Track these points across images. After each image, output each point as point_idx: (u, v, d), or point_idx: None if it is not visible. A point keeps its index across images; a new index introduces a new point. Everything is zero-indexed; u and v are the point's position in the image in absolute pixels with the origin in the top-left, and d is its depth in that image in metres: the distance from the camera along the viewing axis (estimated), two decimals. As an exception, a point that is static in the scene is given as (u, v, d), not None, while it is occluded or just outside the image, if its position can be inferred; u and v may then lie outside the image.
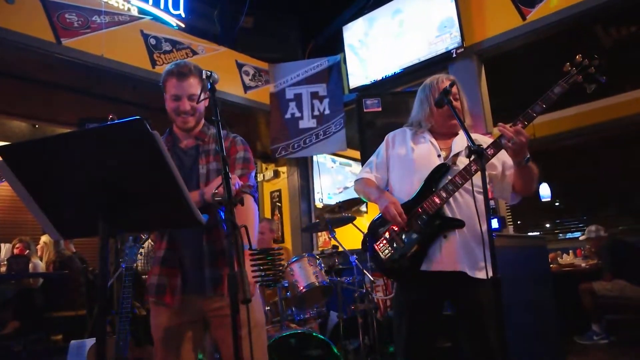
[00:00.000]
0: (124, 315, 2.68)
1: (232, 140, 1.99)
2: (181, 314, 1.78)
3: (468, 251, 1.92)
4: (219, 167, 1.86)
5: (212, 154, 1.90)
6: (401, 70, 4.80)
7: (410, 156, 2.10)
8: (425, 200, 1.96)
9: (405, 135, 2.22)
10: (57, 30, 3.83)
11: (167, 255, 1.82)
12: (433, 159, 2.04)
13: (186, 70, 1.85)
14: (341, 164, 7.34)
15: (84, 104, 5.39)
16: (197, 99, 1.84)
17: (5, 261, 4.87)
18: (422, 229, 1.96)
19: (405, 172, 2.10)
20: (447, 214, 1.95)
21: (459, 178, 1.90)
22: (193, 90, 1.85)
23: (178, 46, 4.73)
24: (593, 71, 1.85)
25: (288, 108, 5.34)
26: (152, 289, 1.82)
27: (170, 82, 1.86)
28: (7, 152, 1.18)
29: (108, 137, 1.13)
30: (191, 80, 1.85)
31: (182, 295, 1.77)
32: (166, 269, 1.81)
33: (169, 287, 1.77)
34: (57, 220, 1.30)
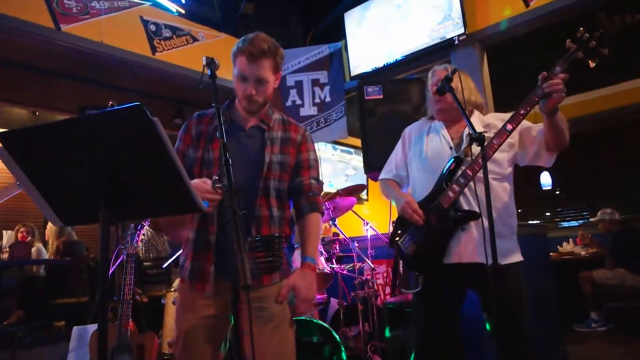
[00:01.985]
0: (125, 302, 2.70)
1: (303, 134, 1.86)
2: (217, 304, 1.67)
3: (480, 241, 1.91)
4: (283, 159, 1.76)
5: (278, 143, 1.78)
6: (403, 57, 4.77)
7: (424, 153, 2.14)
8: (440, 195, 1.98)
9: (420, 129, 2.25)
10: (55, 16, 3.80)
11: (200, 237, 1.70)
12: (446, 152, 2.06)
13: (258, 52, 1.68)
14: (342, 152, 7.33)
15: (84, 91, 5.39)
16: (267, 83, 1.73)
17: (7, 248, 4.89)
18: (439, 223, 1.98)
19: (422, 168, 2.14)
20: (463, 206, 1.97)
21: (470, 169, 1.91)
22: (263, 73, 1.71)
23: (178, 32, 4.69)
24: (594, 45, 1.78)
25: (289, 95, 5.30)
26: (185, 274, 1.71)
27: (240, 59, 1.71)
28: (7, 138, 1.18)
29: (108, 123, 1.12)
30: (263, 62, 1.70)
31: (217, 282, 1.66)
32: (200, 252, 1.69)
33: (204, 273, 1.66)
34: (58, 207, 1.30)
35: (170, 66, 4.42)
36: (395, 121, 3.61)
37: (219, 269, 1.66)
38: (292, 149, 1.80)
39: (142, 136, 1.10)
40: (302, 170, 1.82)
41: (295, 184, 1.81)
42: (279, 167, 1.75)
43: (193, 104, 5.81)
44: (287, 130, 1.83)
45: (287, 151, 1.78)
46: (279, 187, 1.75)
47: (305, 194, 1.80)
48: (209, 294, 1.64)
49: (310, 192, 1.81)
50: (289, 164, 1.78)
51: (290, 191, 1.82)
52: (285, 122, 1.86)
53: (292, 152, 1.80)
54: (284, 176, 1.77)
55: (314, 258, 1.75)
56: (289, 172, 1.79)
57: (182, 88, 4.90)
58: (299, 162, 1.82)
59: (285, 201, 1.79)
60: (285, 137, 1.80)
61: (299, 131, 1.85)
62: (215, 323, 1.68)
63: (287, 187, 1.79)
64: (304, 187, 1.80)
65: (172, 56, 4.51)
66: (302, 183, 1.80)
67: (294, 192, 1.82)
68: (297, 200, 1.82)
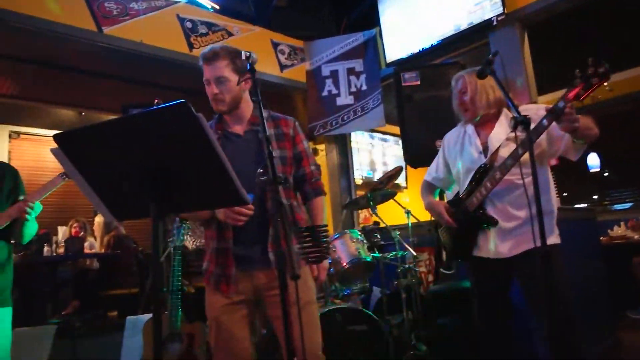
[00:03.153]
0: (174, 293, 2.80)
1: (294, 127, 2.00)
2: (237, 294, 1.81)
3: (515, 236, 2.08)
4: (282, 154, 1.90)
5: (274, 139, 1.90)
6: (439, 41, 4.67)
7: (459, 159, 2.31)
8: (468, 199, 2.19)
9: (456, 135, 2.38)
10: (98, 19, 3.93)
11: (219, 245, 1.84)
12: (475, 157, 2.20)
13: (210, 55, 1.82)
14: (379, 140, 7.28)
15: (126, 90, 5.55)
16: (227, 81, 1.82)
17: (63, 243, 5.14)
18: (465, 223, 2.22)
19: (458, 173, 2.32)
20: (487, 210, 2.15)
21: (498, 174, 2.03)
22: (219, 72, 1.82)
23: (214, 28, 4.76)
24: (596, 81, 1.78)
25: (325, 85, 5.30)
26: (208, 277, 1.87)
27: (203, 68, 1.86)
28: (62, 139, 1.23)
29: (155, 121, 1.16)
30: (218, 63, 1.82)
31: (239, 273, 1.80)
32: (221, 259, 1.83)
33: (224, 278, 1.81)
34: (110, 203, 1.35)
35: (207, 62, 4.49)
36: (434, 107, 3.57)
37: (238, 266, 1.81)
38: (287, 143, 1.95)
39: (187, 132, 1.14)
40: (302, 161, 2.00)
41: (299, 174, 2.00)
42: (280, 162, 1.89)
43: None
44: (279, 126, 1.97)
45: (284, 145, 1.93)
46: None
47: (308, 181, 2.01)
48: (233, 295, 1.80)
49: (313, 179, 2.02)
50: (288, 157, 1.93)
51: (295, 181, 1.99)
52: (275, 118, 1.99)
53: (288, 145, 1.95)
54: (286, 169, 1.92)
55: None
56: (289, 164, 1.94)
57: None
58: (297, 153, 1.98)
59: (290, 191, 1.94)
60: (278, 132, 1.94)
61: (289, 124, 1.99)
62: (240, 310, 1.83)
63: (289, 178, 1.94)
64: (306, 175, 2.01)
65: (209, 52, 4.57)
66: (305, 172, 2.00)
67: (299, 181, 2.00)
68: (302, 187, 2.02)
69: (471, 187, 2.20)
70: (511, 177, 2.03)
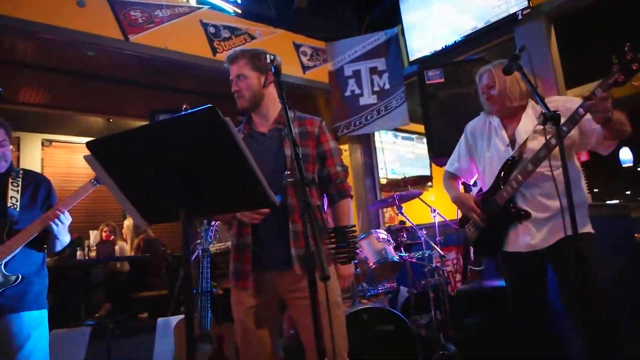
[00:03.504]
0: (204, 294, 2.84)
1: (320, 126, 2.01)
2: (260, 295, 1.85)
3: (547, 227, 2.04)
4: (304, 151, 1.92)
5: (298, 137, 1.94)
6: (462, 38, 4.61)
7: (484, 152, 2.28)
8: (497, 193, 2.15)
9: (480, 125, 2.34)
10: (124, 28, 4.02)
11: (238, 242, 1.90)
12: (502, 150, 2.17)
13: (232, 56, 1.95)
14: (403, 139, 7.22)
15: (153, 96, 5.66)
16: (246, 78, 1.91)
17: (94, 247, 5.28)
18: (495, 217, 2.17)
19: (484, 166, 2.28)
20: (518, 203, 2.10)
21: (530, 166, 1.99)
22: (239, 70, 1.93)
23: (236, 32, 4.81)
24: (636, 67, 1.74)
25: (347, 85, 5.29)
26: (231, 275, 1.92)
27: (230, 70, 1.97)
28: (94, 146, 1.27)
29: (183, 126, 1.18)
30: (239, 62, 1.93)
31: (259, 274, 1.85)
32: (239, 254, 1.89)
33: (243, 272, 1.85)
34: (141, 207, 1.38)
35: (231, 66, 4.56)
36: (458, 104, 3.53)
37: (257, 264, 1.84)
38: (310, 142, 1.96)
39: (215, 136, 1.16)
40: (326, 161, 1.98)
41: (323, 175, 1.98)
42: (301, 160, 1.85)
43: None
44: (303, 125, 1.99)
45: (307, 144, 1.94)
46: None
47: (333, 182, 1.98)
48: (250, 291, 1.83)
49: (338, 180, 1.98)
50: (311, 155, 1.94)
51: (320, 181, 1.98)
52: (301, 118, 2.02)
53: (312, 144, 1.96)
54: (307, 167, 1.92)
55: None
56: (311, 162, 1.94)
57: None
58: (321, 153, 1.97)
59: (311, 190, 1.92)
60: (302, 131, 1.96)
61: (314, 123, 2.00)
62: (264, 312, 1.86)
63: (311, 177, 1.93)
64: (331, 176, 1.98)
65: (232, 56, 4.63)
66: (329, 173, 1.98)
67: (323, 182, 1.99)
68: (327, 189, 2.00)
69: (499, 181, 2.15)
70: (540, 169, 2.00)
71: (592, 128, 1.98)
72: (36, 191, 2.26)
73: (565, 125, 1.86)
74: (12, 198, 2.15)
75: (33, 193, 2.25)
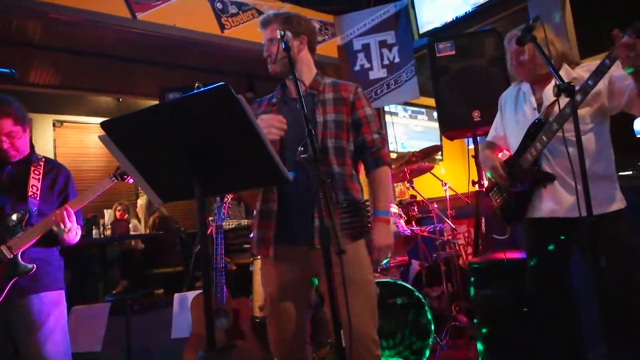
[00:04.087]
0: (219, 270, 2.89)
1: (355, 92, 1.93)
2: (291, 270, 1.79)
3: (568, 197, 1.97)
4: (337, 118, 1.86)
5: (330, 103, 1.88)
6: (473, 8, 4.52)
7: (513, 117, 2.23)
8: (522, 155, 2.10)
9: (512, 93, 2.30)
10: (131, 6, 3.99)
11: (264, 208, 1.83)
12: (529, 113, 2.12)
13: (265, 20, 1.92)
14: (413, 112, 7.17)
15: (162, 74, 5.66)
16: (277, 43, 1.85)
17: (109, 225, 5.38)
18: (520, 182, 2.13)
19: (512, 131, 2.25)
20: (542, 167, 2.05)
21: (555, 125, 1.91)
22: (272, 34, 1.88)
23: (244, 8, 4.75)
24: None
25: (357, 60, 5.23)
26: (254, 243, 1.86)
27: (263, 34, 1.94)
28: (108, 126, 1.28)
29: (197, 104, 1.18)
30: (272, 27, 1.89)
31: (287, 246, 1.78)
32: (263, 221, 1.82)
33: (265, 240, 1.79)
34: (157, 186, 1.40)
35: (239, 42, 4.52)
36: (470, 77, 3.48)
37: (282, 234, 1.78)
38: (345, 108, 1.89)
39: (229, 114, 1.16)
40: (362, 128, 1.90)
41: (358, 142, 1.91)
42: (334, 126, 1.84)
43: (263, 77, 5.91)
44: (338, 91, 1.92)
45: (341, 110, 1.87)
46: (336, 145, 1.83)
47: (369, 150, 1.90)
48: (271, 258, 1.77)
49: (374, 147, 1.89)
50: (345, 122, 1.87)
51: (356, 150, 1.91)
52: (335, 84, 1.96)
53: (346, 110, 1.89)
54: (341, 134, 1.85)
55: (387, 211, 1.86)
56: (345, 130, 1.87)
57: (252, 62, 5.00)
58: (356, 120, 1.90)
59: (344, 158, 1.86)
60: (336, 97, 1.90)
61: (349, 89, 1.93)
62: (295, 286, 1.80)
63: (346, 144, 1.87)
64: (367, 144, 1.89)
65: (240, 32, 4.59)
66: (364, 140, 1.89)
67: (359, 150, 1.91)
68: (363, 157, 1.92)
69: (525, 144, 2.09)
70: (567, 134, 1.88)
71: (625, 85, 1.87)
72: (55, 180, 2.26)
73: (590, 79, 1.77)
74: (32, 187, 2.16)
75: (52, 182, 2.25)
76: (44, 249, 2.16)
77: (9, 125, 2.11)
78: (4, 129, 2.10)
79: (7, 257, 2.02)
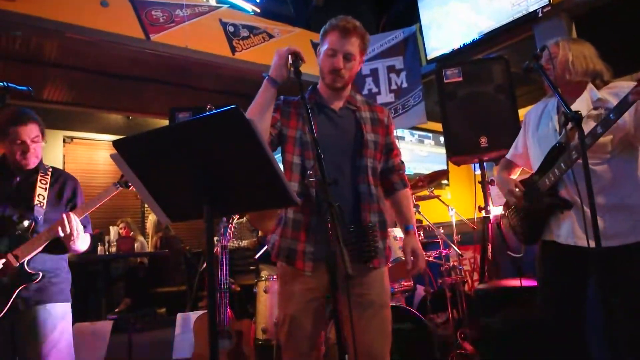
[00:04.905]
0: (223, 291, 2.88)
1: (388, 116, 1.95)
2: (313, 289, 1.72)
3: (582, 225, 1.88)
4: (376, 139, 1.85)
5: (370, 123, 1.86)
6: (481, 36, 4.58)
7: (535, 135, 2.18)
8: (540, 179, 2.07)
9: (537, 109, 2.24)
10: (145, 27, 4.09)
11: (297, 217, 1.75)
12: (551, 135, 2.07)
13: (351, 27, 1.77)
14: (420, 137, 7.21)
15: (173, 93, 5.74)
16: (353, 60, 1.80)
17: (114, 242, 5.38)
18: (536, 204, 2.09)
19: (533, 151, 2.20)
20: (560, 192, 2.01)
21: (575, 154, 1.86)
22: (352, 49, 1.78)
23: (255, 31, 4.85)
24: None
25: (365, 84, 5.29)
26: (282, 253, 1.75)
27: (331, 36, 1.79)
28: (120, 145, 1.30)
29: (208, 126, 1.20)
30: (353, 39, 1.78)
31: (314, 262, 1.70)
32: (294, 232, 1.74)
33: (299, 252, 1.71)
34: (165, 205, 1.41)
35: (249, 64, 4.61)
36: (477, 103, 3.50)
37: (315, 249, 1.72)
38: (381, 130, 1.90)
39: (239, 136, 1.18)
40: (393, 151, 1.96)
41: (388, 165, 1.96)
42: (374, 146, 1.84)
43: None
44: (374, 111, 1.93)
45: (378, 131, 1.88)
46: (373, 166, 1.85)
47: (397, 172, 1.96)
48: (308, 273, 1.70)
49: (401, 170, 1.98)
50: (380, 144, 1.88)
51: (383, 172, 1.94)
52: (369, 103, 1.97)
53: (382, 132, 1.90)
54: (377, 155, 1.87)
55: (414, 225, 1.95)
56: (380, 151, 1.88)
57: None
58: (389, 143, 1.94)
59: (377, 179, 1.89)
60: (373, 117, 1.91)
61: (384, 112, 1.96)
62: (318, 306, 1.74)
63: (378, 165, 1.89)
64: (395, 167, 1.97)
65: (250, 54, 4.68)
66: (394, 163, 1.96)
67: (387, 172, 1.95)
68: (389, 178, 1.96)
69: (545, 167, 2.05)
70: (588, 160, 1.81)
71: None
72: (62, 189, 2.30)
73: (612, 113, 1.73)
74: (39, 196, 2.20)
75: (59, 191, 2.29)
76: (53, 261, 2.18)
77: (35, 130, 2.19)
78: (31, 133, 2.17)
79: (14, 265, 2.04)
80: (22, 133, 2.15)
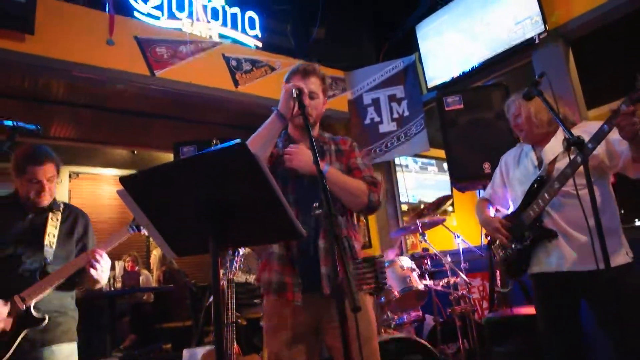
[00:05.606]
0: (229, 325, 2.84)
1: (351, 144, 2.05)
2: (301, 322, 1.76)
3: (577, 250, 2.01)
4: (341, 167, 1.94)
5: (335, 154, 1.98)
6: (480, 63, 4.64)
7: (516, 175, 2.31)
8: (524, 212, 2.16)
9: (514, 154, 2.40)
10: (150, 64, 4.17)
11: (282, 252, 1.81)
12: (531, 172, 2.20)
13: (310, 69, 1.95)
14: (423, 164, 7.21)
15: (177, 128, 5.80)
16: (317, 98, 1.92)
17: (120, 277, 5.35)
18: (522, 237, 2.18)
19: (514, 189, 2.32)
20: (545, 222, 2.10)
21: (557, 184, 1.99)
22: (314, 87, 1.92)
23: (257, 64, 4.93)
24: None
25: (367, 113, 5.35)
26: (271, 287, 1.80)
27: (294, 80, 1.94)
28: (127, 181, 1.31)
29: (214, 160, 1.22)
30: (313, 79, 1.93)
31: (307, 293, 1.74)
32: (283, 266, 1.80)
33: (289, 285, 1.76)
34: (172, 240, 1.41)
35: (252, 97, 4.67)
36: (478, 130, 3.54)
37: (303, 280, 1.76)
38: (344, 159, 1.99)
39: (245, 171, 1.19)
40: (354, 172, 1.95)
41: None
42: None
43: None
44: (338, 144, 2.04)
45: (341, 160, 1.97)
46: None
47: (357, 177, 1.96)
48: (298, 303, 1.73)
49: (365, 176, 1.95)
50: (344, 171, 1.94)
51: None
52: (335, 138, 2.07)
53: (345, 161, 1.98)
54: None
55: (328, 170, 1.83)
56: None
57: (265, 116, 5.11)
58: (349, 166, 1.98)
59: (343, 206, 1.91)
60: (337, 149, 2.01)
61: (347, 142, 2.05)
62: (303, 342, 1.76)
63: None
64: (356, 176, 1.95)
65: (253, 87, 4.75)
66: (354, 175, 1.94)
67: None
68: None
69: (527, 200, 2.16)
70: (567, 188, 1.99)
71: (620, 149, 1.96)
72: (74, 226, 2.30)
73: (590, 142, 1.84)
74: (49, 234, 2.18)
75: (70, 227, 2.29)
76: (59, 299, 2.16)
77: (51, 169, 2.21)
78: (47, 173, 2.19)
79: (20, 308, 2.01)
80: (39, 173, 2.15)
